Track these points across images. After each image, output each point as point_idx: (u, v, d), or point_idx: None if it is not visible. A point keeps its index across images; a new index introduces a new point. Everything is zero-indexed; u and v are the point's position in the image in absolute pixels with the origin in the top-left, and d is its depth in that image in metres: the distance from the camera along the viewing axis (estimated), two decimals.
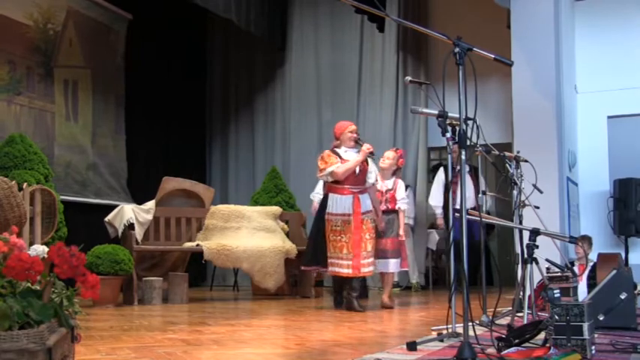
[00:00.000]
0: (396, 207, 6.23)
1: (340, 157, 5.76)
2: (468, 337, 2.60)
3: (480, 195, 5.06)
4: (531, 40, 6.71)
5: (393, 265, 6.16)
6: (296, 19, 10.62)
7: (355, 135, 5.87)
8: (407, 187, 9.04)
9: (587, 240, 6.02)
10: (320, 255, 5.78)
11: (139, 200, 7.46)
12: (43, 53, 7.94)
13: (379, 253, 5.99)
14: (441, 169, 8.23)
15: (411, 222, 8.89)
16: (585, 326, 2.85)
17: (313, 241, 5.95)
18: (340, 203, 5.71)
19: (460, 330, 3.11)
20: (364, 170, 5.81)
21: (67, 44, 8.32)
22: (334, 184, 5.77)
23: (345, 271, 5.63)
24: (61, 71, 8.20)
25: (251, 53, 10.89)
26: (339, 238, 5.66)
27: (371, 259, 5.71)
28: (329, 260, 5.69)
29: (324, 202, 5.87)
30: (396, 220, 6.21)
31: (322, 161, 5.76)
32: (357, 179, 5.77)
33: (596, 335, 3.53)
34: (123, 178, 9.05)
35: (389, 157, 6.35)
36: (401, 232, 6.20)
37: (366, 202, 5.77)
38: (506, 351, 2.87)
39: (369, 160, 5.88)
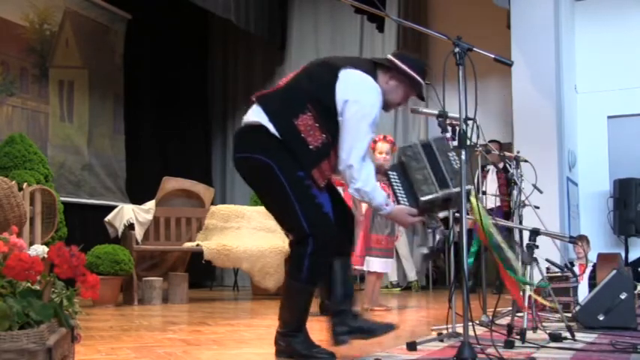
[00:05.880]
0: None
1: None
2: (468, 337, 2.59)
3: (480, 195, 5.06)
4: (531, 40, 6.71)
5: (390, 264, 5.88)
6: (296, 18, 10.62)
7: None
8: None
9: (584, 239, 6.02)
10: None
11: (139, 200, 7.46)
12: (39, 54, 7.93)
13: (374, 251, 5.55)
14: None
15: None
16: None
17: None
18: None
19: (460, 330, 3.10)
20: None
21: (63, 44, 8.31)
22: None
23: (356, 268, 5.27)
24: (57, 72, 8.19)
25: (251, 52, 10.89)
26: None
27: None
28: None
29: None
30: None
31: None
32: None
33: (596, 335, 3.53)
34: (121, 178, 9.03)
35: (387, 152, 5.42)
36: (396, 231, 5.80)
37: None
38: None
39: None
